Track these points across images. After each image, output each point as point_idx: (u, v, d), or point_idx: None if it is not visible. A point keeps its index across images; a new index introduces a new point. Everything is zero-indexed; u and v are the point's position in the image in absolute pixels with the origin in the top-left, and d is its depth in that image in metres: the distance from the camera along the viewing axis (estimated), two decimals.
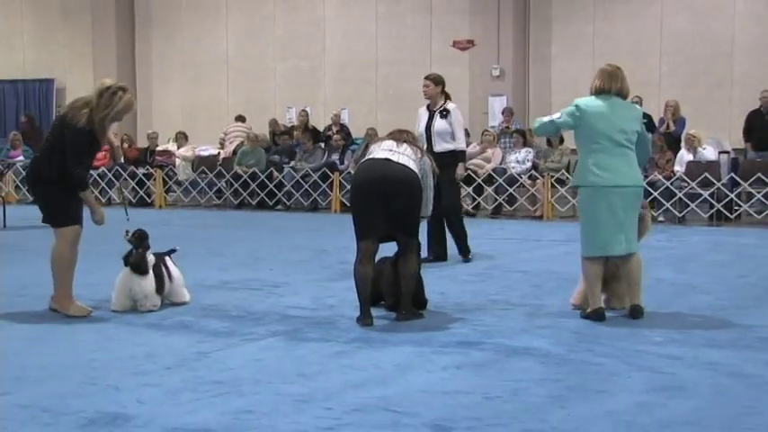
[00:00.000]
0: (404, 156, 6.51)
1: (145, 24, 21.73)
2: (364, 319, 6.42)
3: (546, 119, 6.89)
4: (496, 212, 15.86)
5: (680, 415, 4.29)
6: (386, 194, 6.35)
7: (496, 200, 15.90)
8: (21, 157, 18.66)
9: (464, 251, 9.74)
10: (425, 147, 9.15)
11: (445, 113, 9.44)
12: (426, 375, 5.05)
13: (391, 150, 6.53)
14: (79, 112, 6.52)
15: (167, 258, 7.09)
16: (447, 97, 9.54)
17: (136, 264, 6.77)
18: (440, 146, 9.40)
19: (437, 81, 9.51)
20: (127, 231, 6.86)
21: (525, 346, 5.73)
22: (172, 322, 6.49)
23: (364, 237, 6.46)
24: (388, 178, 6.38)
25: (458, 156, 9.59)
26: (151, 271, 6.83)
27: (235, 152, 18.47)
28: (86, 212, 6.78)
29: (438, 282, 8.02)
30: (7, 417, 4.26)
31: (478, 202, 16.16)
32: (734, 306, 7.18)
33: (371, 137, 17.52)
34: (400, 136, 6.74)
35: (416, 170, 6.49)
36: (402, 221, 6.46)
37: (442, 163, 8.60)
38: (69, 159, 6.50)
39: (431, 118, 9.48)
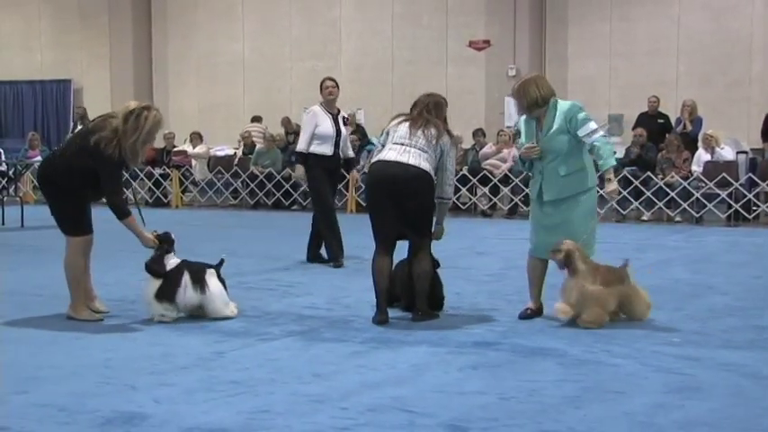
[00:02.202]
0: (415, 150, 6.42)
1: (161, 25, 21.82)
2: (380, 315, 6.43)
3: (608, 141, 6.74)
4: (512, 212, 15.84)
5: (697, 416, 4.27)
6: (396, 196, 6.37)
7: (512, 200, 15.87)
8: (38, 158, 18.73)
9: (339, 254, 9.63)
10: (333, 150, 9.41)
11: (346, 121, 9.69)
12: (442, 376, 5.04)
13: (403, 145, 6.46)
14: (110, 144, 6.34)
15: (209, 270, 6.64)
16: None
17: (147, 265, 6.53)
18: (345, 152, 9.58)
19: (338, 85, 9.69)
20: (154, 231, 6.61)
21: (541, 346, 5.72)
22: (188, 322, 6.50)
23: (379, 236, 6.53)
24: (396, 179, 6.37)
25: (353, 163, 10.10)
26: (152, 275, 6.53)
27: (245, 153, 18.53)
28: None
29: (454, 282, 8.00)
30: (25, 416, 4.28)
31: (494, 202, 16.15)
32: (751, 307, 7.14)
33: None
34: (419, 118, 6.55)
35: (428, 165, 6.42)
36: (413, 222, 6.47)
37: (340, 167, 9.61)
38: (107, 191, 6.39)
39: (336, 122, 9.48)
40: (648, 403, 4.47)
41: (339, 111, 9.63)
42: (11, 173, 17.70)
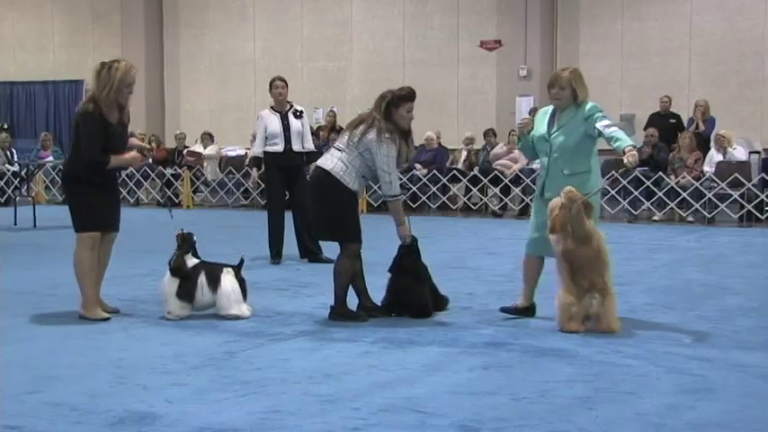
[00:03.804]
0: (332, 151, 6.63)
1: (173, 26, 21.86)
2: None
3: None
4: (523, 213, 15.80)
5: (709, 417, 4.25)
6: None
7: (523, 200, 15.85)
8: (50, 158, 18.84)
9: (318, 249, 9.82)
10: (284, 146, 9.60)
11: (299, 114, 9.83)
12: (453, 376, 5.04)
13: (331, 148, 6.74)
14: (86, 103, 6.62)
15: (226, 269, 6.71)
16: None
17: (169, 265, 6.65)
18: (297, 146, 9.70)
19: (287, 84, 9.91)
20: (181, 229, 6.75)
21: (553, 347, 5.71)
22: (199, 322, 6.51)
23: None
24: (311, 184, 6.75)
25: (312, 157, 9.98)
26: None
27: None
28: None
29: (465, 282, 8.00)
30: (38, 415, 4.30)
31: (505, 203, 16.12)
32: (764, 307, 7.11)
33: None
34: (354, 121, 6.71)
35: (337, 163, 6.50)
36: (319, 223, 6.66)
37: (300, 163, 9.65)
38: (84, 148, 6.54)
39: (284, 119, 9.71)
40: (660, 404, 4.46)
41: (291, 106, 9.84)
42: (23, 173, 17.78)
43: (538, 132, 6.50)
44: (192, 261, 6.68)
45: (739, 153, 14.79)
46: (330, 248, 10.04)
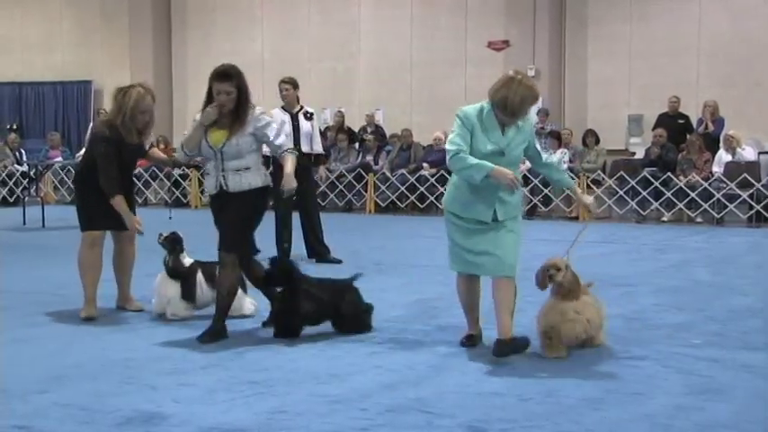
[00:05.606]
0: None
1: (181, 26, 21.91)
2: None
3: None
4: (531, 213, 15.79)
5: (718, 418, 4.24)
6: None
7: (531, 200, 15.83)
8: (59, 158, 18.88)
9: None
10: (293, 147, 9.59)
11: (310, 116, 9.93)
12: (460, 377, 5.03)
13: None
14: (102, 125, 6.74)
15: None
16: (298, 100, 10.00)
17: (167, 267, 6.72)
18: (306, 147, 9.76)
19: (295, 85, 9.94)
20: (160, 234, 6.78)
21: None
22: (206, 323, 6.51)
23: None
24: None
25: (321, 159, 10.13)
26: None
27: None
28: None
29: None
30: (46, 415, 4.31)
31: None
32: None
33: (405, 138, 17.58)
34: None
35: None
36: None
37: (307, 164, 9.54)
38: (99, 172, 6.57)
39: (294, 119, 9.78)
40: (668, 405, 4.45)
41: (302, 107, 9.92)
42: (32, 173, 17.84)
43: (493, 145, 5.41)
44: (186, 260, 6.76)
45: (748, 153, 14.76)
46: (338, 249, 10.06)
